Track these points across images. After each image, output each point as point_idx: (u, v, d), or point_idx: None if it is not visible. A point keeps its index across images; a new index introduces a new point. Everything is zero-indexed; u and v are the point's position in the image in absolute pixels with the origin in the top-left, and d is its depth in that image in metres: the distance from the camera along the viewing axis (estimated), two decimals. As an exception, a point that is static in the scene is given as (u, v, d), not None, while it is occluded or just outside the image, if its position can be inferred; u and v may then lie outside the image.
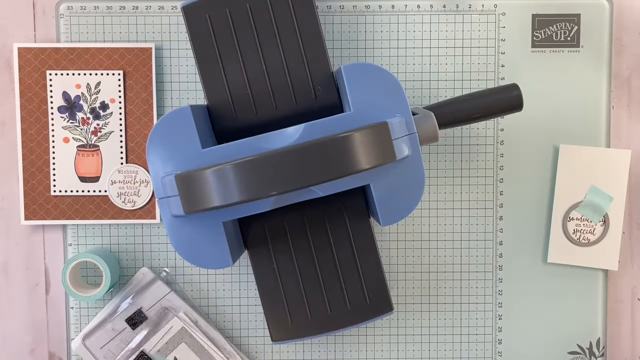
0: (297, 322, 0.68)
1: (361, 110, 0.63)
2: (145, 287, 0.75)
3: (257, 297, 0.77)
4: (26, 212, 0.75)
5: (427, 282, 0.77)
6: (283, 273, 0.68)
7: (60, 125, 0.75)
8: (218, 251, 0.64)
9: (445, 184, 0.77)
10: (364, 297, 0.68)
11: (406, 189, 0.64)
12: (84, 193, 0.75)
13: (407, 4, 0.76)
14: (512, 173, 0.77)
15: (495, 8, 0.76)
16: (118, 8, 0.75)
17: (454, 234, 0.77)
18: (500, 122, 0.77)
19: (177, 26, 0.76)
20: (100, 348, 0.74)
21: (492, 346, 0.78)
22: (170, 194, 0.62)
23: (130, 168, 0.75)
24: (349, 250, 0.68)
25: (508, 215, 0.77)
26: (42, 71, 0.74)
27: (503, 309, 0.77)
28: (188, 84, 0.76)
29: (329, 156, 0.59)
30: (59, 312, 0.77)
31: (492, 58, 0.76)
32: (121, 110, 0.75)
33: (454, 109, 0.68)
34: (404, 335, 0.78)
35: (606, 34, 0.76)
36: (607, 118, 0.76)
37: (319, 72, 0.67)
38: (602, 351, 0.77)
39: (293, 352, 0.78)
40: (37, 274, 0.77)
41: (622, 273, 0.78)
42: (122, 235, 0.77)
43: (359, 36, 0.76)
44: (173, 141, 0.63)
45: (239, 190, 0.58)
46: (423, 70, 0.76)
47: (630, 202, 0.77)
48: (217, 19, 0.67)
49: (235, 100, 0.67)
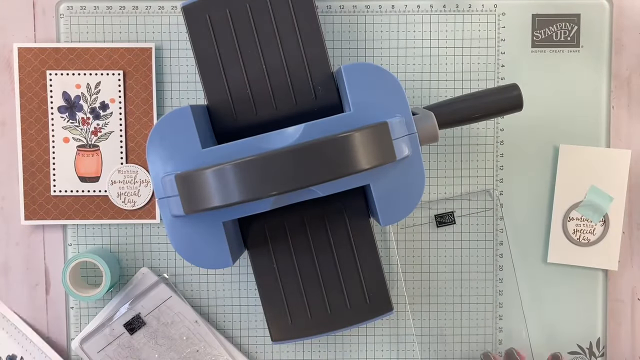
0: (297, 322, 0.68)
1: (361, 110, 0.63)
2: (144, 292, 0.75)
3: (257, 297, 0.77)
4: (26, 212, 0.75)
5: (427, 282, 0.77)
6: (283, 273, 0.68)
7: (60, 125, 0.75)
8: (218, 251, 0.64)
9: (445, 184, 0.77)
10: (364, 297, 0.68)
11: (406, 189, 0.64)
12: (84, 193, 0.75)
13: (407, 4, 0.76)
14: (512, 173, 0.77)
15: (495, 8, 0.76)
16: (118, 8, 0.75)
17: (454, 234, 0.77)
18: (500, 122, 0.77)
19: (177, 26, 0.76)
20: (98, 352, 0.74)
21: (493, 346, 0.78)
22: (170, 194, 0.62)
23: (130, 168, 0.75)
24: (349, 250, 0.68)
25: (508, 215, 0.77)
26: (42, 71, 0.74)
27: (503, 309, 0.77)
28: (188, 84, 0.76)
29: (329, 156, 0.59)
30: (59, 312, 0.77)
31: (492, 58, 0.76)
32: (121, 110, 0.75)
33: (454, 109, 0.68)
34: (404, 335, 0.78)
35: (606, 34, 0.76)
36: (607, 118, 0.76)
37: (319, 72, 0.67)
38: (602, 351, 0.77)
39: (293, 352, 0.78)
40: (37, 274, 0.77)
41: (622, 273, 0.78)
42: (122, 235, 0.77)
43: (359, 36, 0.76)
44: (173, 141, 0.63)
45: (239, 190, 0.58)
46: (423, 70, 0.76)
47: (630, 202, 0.77)
48: (217, 19, 0.67)
49: (235, 100, 0.67)
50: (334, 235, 0.68)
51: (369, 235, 0.68)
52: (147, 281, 0.75)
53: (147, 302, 0.75)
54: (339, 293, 0.68)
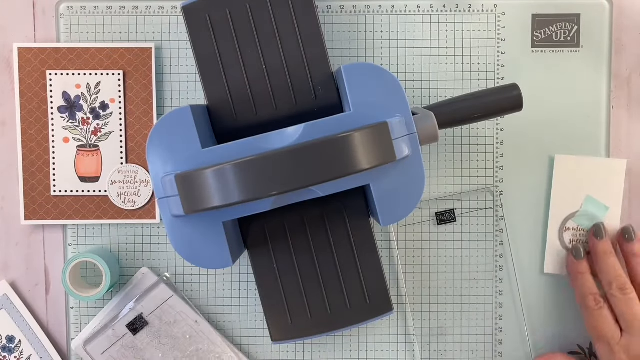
0: (297, 322, 0.68)
1: (361, 110, 0.63)
2: (146, 292, 0.75)
3: (257, 297, 0.77)
4: (26, 212, 0.75)
5: (427, 282, 0.77)
6: (283, 273, 0.68)
7: (60, 125, 0.75)
8: (218, 251, 0.64)
9: (445, 184, 0.77)
10: (364, 297, 0.68)
11: (406, 189, 0.64)
12: (84, 193, 0.75)
13: (407, 4, 0.76)
14: (512, 173, 0.77)
15: (495, 8, 0.76)
16: (118, 8, 0.75)
17: (454, 234, 0.77)
18: (500, 122, 0.77)
19: (177, 26, 0.76)
20: (102, 354, 0.74)
21: (493, 346, 0.78)
22: (170, 194, 0.62)
23: (130, 168, 0.75)
24: (349, 250, 0.68)
25: (508, 215, 0.77)
26: (42, 71, 0.74)
27: (503, 309, 0.77)
28: (188, 84, 0.76)
29: (329, 156, 0.59)
30: (59, 312, 0.77)
31: (492, 58, 0.76)
32: (121, 110, 0.75)
33: (454, 109, 0.68)
34: (404, 335, 0.78)
35: (606, 34, 0.76)
36: (607, 118, 0.76)
37: (319, 72, 0.67)
38: (602, 351, 0.77)
39: (293, 352, 0.78)
40: (37, 274, 0.77)
41: (622, 273, 0.78)
42: (122, 235, 0.77)
43: (359, 36, 0.76)
44: (173, 141, 0.63)
45: (239, 190, 0.58)
46: (423, 70, 0.76)
47: (629, 210, 0.77)
48: (217, 19, 0.67)
49: (235, 100, 0.67)
50: (334, 235, 0.68)
51: (369, 235, 0.68)
52: (147, 281, 0.75)
53: (149, 302, 0.75)
54: (339, 293, 0.68)
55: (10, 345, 0.76)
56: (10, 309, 0.76)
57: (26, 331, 0.76)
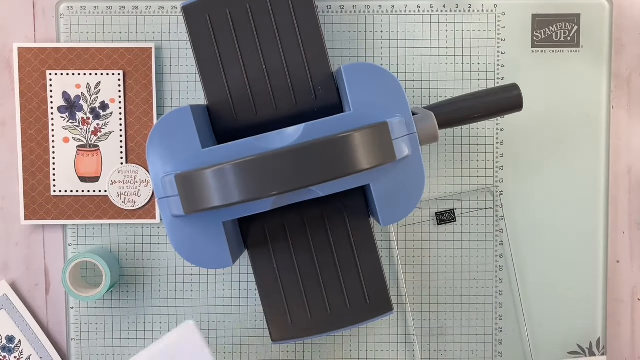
0: (297, 322, 0.68)
1: (361, 110, 0.63)
2: None
3: (257, 297, 0.77)
4: (26, 212, 0.75)
5: (427, 282, 0.77)
6: (283, 273, 0.68)
7: (60, 125, 0.75)
8: (218, 251, 0.64)
9: (445, 184, 0.77)
10: (364, 297, 0.68)
11: (406, 189, 0.64)
12: (84, 193, 0.75)
13: (407, 4, 0.76)
14: (512, 173, 0.77)
15: (495, 8, 0.76)
16: (118, 8, 0.75)
17: (454, 234, 0.77)
18: (500, 122, 0.77)
19: (177, 26, 0.76)
20: None
21: (493, 346, 0.78)
22: (170, 194, 0.62)
23: (130, 168, 0.75)
24: (349, 250, 0.68)
25: (508, 215, 0.77)
26: (42, 71, 0.74)
27: (503, 309, 0.77)
28: (188, 84, 0.76)
29: (329, 156, 0.59)
30: (59, 312, 0.77)
31: (492, 58, 0.76)
32: (121, 110, 0.75)
33: (454, 109, 0.68)
34: (404, 335, 0.78)
35: (606, 34, 0.76)
36: (607, 118, 0.76)
37: (319, 72, 0.67)
38: (602, 351, 0.77)
39: (293, 352, 0.78)
40: (37, 274, 0.77)
41: (622, 273, 0.78)
42: (122, 235, 0.77)
43: (359, 36, 0.76)
44: (173, 141, 0.63)
45: (239, 190, 0.58)
46: (423, 70, 0.76)
47: (630, 202, 0.77)
48: (217, 19, 0.67)
49: (235, 100, 0.67)
50: (334, 235, 0.68)
51: (369, 235, 0.68)
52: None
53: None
54: (339, 293, 0.68)
55: (10, 345, 0.76)
56: (10, 309, 0.76)
57: (26, 331, 0.76)
